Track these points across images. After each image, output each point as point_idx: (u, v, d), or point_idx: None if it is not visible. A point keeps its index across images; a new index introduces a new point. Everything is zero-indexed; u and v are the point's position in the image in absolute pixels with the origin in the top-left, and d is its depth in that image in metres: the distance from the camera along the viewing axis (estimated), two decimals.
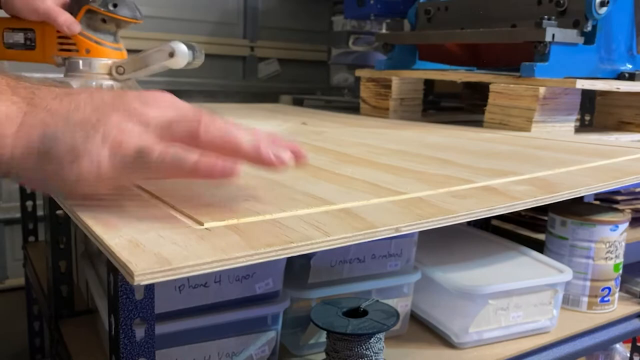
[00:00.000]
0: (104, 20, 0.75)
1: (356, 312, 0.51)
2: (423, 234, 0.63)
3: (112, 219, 0.33)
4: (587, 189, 0.45)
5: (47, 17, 0.74)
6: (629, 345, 0.96)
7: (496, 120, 0.83)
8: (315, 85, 1.66)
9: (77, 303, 0.69)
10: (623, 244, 0.73)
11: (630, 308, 0.75)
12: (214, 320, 0.49)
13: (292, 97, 1.47)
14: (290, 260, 0.54)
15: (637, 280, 0.79)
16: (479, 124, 0.87)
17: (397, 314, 0.50)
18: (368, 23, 1.38)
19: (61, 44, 0.75)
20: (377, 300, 0.53)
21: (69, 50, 0.75)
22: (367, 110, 1.07)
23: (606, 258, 0.71)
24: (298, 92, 1.53)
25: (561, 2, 0.79)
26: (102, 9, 0.74)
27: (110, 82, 0.75)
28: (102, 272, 0.54)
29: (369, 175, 0.47)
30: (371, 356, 0.48)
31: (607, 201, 0.92)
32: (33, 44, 0.77)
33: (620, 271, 0.73)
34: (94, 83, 0.74)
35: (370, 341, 0.48)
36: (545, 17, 0.77)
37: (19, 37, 0.77)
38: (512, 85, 0.80)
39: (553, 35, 0.76)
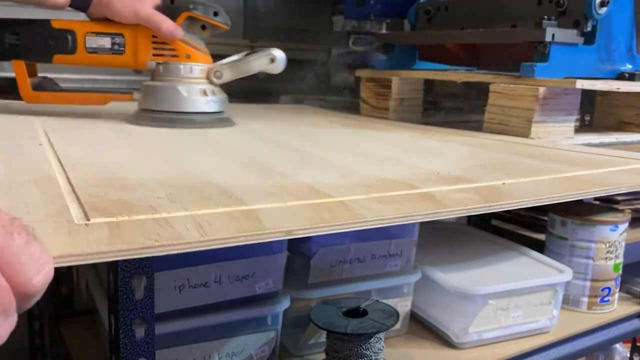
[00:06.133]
0: (203, 27, 0.78)
1: (356, 312, 0.51)
2: (423, 234, 0.63)
3: (7, 206, 0.33)
4: (535, 199, 0.44)
5: (149, 21, 0.74)
6: (629, 345, 0.96)
7: (496, 120, 0.83)
8: (315, 86, 1.66)
9: (77, 303, 0.69)
10: (623, 244, 0.73)
11: (630, 308, 0.75)
12: (214, 320, 0.49)
13: (292, 97, 1.47)
14: (290, 260, 0.54)
15: (637, 280, 0.79)
16: (479, 124, 0.87)
17: (397, 314, 0.50)
18: (368, 23, 1.38)
19: (157, 49, 0.76)
20: (377, 300, 0.53)
21: (166, 56, 0.76)
22: (367, 111, 1.07)
23: (606, 258, 0.71)
24: (298, 92, 1.53)
25: (561, 2, 0.79)
26: (205, 16, 0.76)
27: (209, 87, 0.78)
28: (102, 272, 0.54)
29: (313, 176, 0.47)
30: (371, 356, 0.48)
31: (607, 201, 0.92)
32: (122, 48, 0.76)
33: (620, 271, 0.73)
34: (197, 88, 0.76)
35: (370, 341, 0.48)
36: (545, 17, 0.77)
37: (105, 42, 0.75)
38: (512, 86, 0.80)
39: (553, 35, 0.76)
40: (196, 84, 0.76)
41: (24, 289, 0.24)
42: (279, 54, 0.77)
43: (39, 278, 0.24)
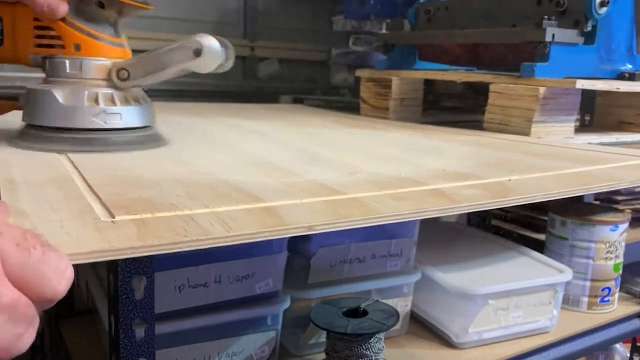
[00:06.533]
0: (101, 5, 0.54)
1: (356, 312, 0.51)
2: (423, 234, 0.63)
3: (30, 206, 0.33)
4: (543, 194, 0.44)
5: None
6: (629, 345, 0.96)
7: (496, 120, 0.83)
8: (315, 85, 1.67)
9: (77, 303, 0.69)
10: (623, 244, 0.73)
11: (630, 308, 0.75)
12: (214, 320, 0.49)
13: (292, 97, 1.47)
14: (290, 260, 0.54)
15: (637, 280, 0.79)
16: (479, 124, 0.87)
17: (397, 314, 0.50)
18: (368, 23, 1.38)
19: (40, 37, 0.54)
20: (377, 300, 0.53)
21: (51, 46, 0.54)
22: (367, 110, 1.07)
23: (606, 258, 0.71)
24: (298, 92, 1.53)
25: (561, 2, 0.79)
26: None
27: (109, 91, 0.54)
28: (102, 272, 0.54)
29: (321, 174, 0.47)
30: (371, 356, 0.48)
31: (607, 201, 0.92)
32: (0, 37, 0.55)
33: (620, 271, 0.73)
34: (86, 92, 0.53)
35: (370, 341, 0.48)
36: (545, 17, 0.77)
37: None
38: (512, 85, 0.80)
39: (553, 35, 0.76)
40: (86, 87, 0.54)
41: (50, 297, 0.25)
42: (211, 44, 0.51)
43: (63, 283, 0.25)
